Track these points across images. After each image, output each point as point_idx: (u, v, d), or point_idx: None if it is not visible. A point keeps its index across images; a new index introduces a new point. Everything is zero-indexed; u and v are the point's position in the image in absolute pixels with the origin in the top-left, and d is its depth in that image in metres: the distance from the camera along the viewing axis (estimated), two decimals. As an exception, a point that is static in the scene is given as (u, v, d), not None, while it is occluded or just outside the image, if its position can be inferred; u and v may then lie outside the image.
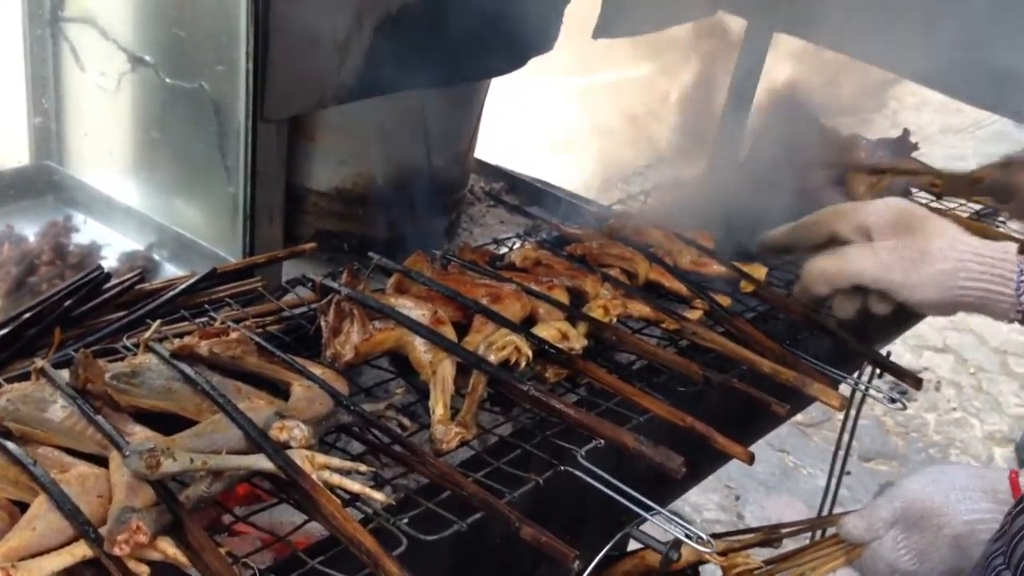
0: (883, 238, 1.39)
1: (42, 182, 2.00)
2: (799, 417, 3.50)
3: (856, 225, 1.43)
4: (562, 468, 1.15)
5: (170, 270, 1.83)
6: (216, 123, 1.72)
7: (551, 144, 2.77)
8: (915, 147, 2.23)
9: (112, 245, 1.84)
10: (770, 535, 1.33)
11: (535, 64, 2.08)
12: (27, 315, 1.37)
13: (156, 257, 1.84)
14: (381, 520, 1.02)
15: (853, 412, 2.11)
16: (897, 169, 2.07)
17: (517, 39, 2.01)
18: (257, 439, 1.03)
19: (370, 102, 1.80)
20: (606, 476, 1.14)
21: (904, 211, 1.41)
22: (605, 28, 2.22)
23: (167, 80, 1.76)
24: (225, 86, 1.67)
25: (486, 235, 2.20)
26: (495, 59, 2.02)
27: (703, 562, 1.34)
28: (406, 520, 1.02)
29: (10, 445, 0.96)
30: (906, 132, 2.25)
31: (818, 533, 1.42)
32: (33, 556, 0.85)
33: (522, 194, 2.45)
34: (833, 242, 1.48)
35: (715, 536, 1.16)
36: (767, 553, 1.36)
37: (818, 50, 2.30)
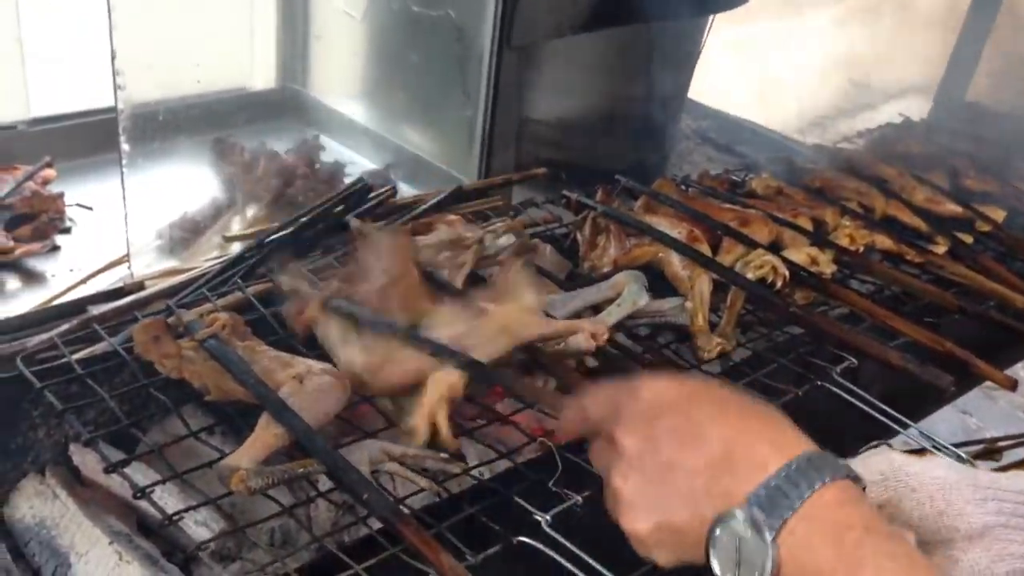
0: None
1: (287, 104, 2.14)
2: (986, 378, 3.37)
3: None
4: (818, 383, 1.19)
5: (405, 189, 1.93)
6: (458, 49, 1.80)
7: (747, 89, 2.75)
8: None
9: (354, 163, 1.96)
10: (992, 447, 1.33)
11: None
12: (304, 219, 1.50)
13: (392, 177, 1.95)
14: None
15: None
16: None
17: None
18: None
19: (595, 35, 1.85)
20: (860, 392, 1.17)
21: None
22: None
23: (413, 8, 1.85)
24: (471, 13, 1.74)
25: (695, 172, 2.22)
26: (722, -6, 2.03)
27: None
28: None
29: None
30: None
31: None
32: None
33: (728, 133, 2.45)
34: None
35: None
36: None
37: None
